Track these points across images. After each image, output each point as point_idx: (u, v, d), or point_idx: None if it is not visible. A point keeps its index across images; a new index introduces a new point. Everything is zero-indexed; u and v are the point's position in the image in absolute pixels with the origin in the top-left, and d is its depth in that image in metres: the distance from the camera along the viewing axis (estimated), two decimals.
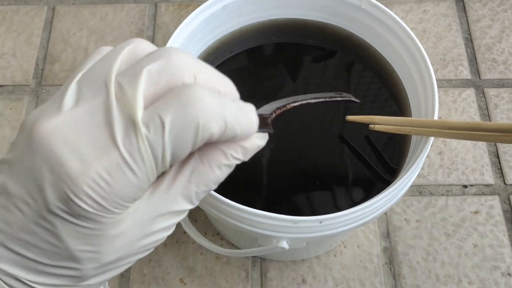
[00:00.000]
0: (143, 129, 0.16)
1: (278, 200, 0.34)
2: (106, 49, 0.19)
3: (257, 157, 0.35)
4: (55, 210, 0.16)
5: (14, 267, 0.17)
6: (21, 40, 0.52)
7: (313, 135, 0.36)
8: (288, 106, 0.21)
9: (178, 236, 0.41)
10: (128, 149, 0.16)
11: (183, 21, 0.35)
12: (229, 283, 0.40)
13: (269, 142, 0.37)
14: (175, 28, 0.35)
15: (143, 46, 0.18)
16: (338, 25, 0.39)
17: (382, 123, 0.33)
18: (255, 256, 0.40)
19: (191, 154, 0.18)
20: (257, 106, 0.21)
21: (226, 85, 0.19)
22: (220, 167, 0.19)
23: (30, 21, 0.53)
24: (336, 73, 0.39)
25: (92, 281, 0.18)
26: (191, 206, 0.19)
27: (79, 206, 0.16)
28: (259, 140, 0.20)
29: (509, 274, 0.39)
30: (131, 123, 0.16)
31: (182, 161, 0.18)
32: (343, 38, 0.39)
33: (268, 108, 0.21)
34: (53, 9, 0.53)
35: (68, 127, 0.16)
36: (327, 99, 0.23)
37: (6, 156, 0.17)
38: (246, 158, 0.19)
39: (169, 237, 0.41)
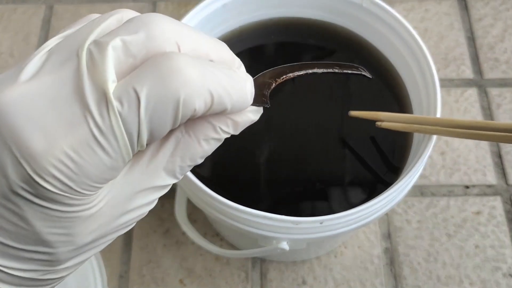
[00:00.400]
0: (115, 103, 0.14)
1: (278, 200, 0.34)
2: (93, 17, 0.17)
3: (258, 157, 0.35)
4: (18, 191, 0.14)
5: None
6: (18, 39, 0.51)
7: (315, 135, 0.36)
8: (291, 75, 0.19)
9: (177, 237, 0.41)
10: (99, 125, 0.14)
11: (182, 19, 0.34)
12: (229, 284, 0.39)
13: (269, 142, 0.37)
14: None
15: (132, 16, 0.16)
16: (338, 24, 0.39)
17: (387, 119, 0.32)
18: (255, 257, 0.40)
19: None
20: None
21: (219, 52, 0.16)
22: (208, 141, 0.17)
23: (27, 20, 0.52)
24: (337, 73, 0.39)
25: (68, 264, 0.17)
26: (174, 181, 0.17)
27: (44, 188, 0.14)
28: (253, 115, 0.18)
29: (510, 275, 0.39)
30: (102, 96, 0.14)
31: None
32: (344, 37, 0.39)
33: (269, 75, 0.18)
34: (51, 8, 0.53)
35: (31, 98, 0.14)
36: (336, 71, 0.20)
37: None
38: (237, 132, 0.18)
39: (168, 238, 0.41)
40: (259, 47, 0.39)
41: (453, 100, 0.47)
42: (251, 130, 0.19)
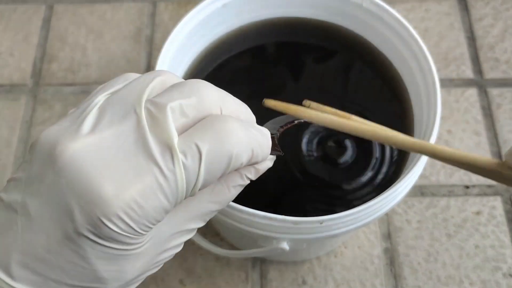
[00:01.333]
0: (180, 155, 0.16)
1: (278, 201, 0.34)
2: (132, 76, 0.19)
3: None
4: (84, 232, 0.16)
5: None
6: (18, 39, 0.51)
7: (315, 134, 0.36)
8: (289, 125, 0.23)
9: None
10: (165, 174, 0.16)
11: (182, 19, 0.34)
12: (229, 284, 0.39)
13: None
14: (174, 26, 0.34)
15: (173, 80, 0.19)
16: (339, 24, 0.39)
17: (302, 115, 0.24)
18: (255, 257, 0.40)
19: None
20: (257, 107, 0.21)
21: (246, 113, 0.20)
22: (235, 187, 0.20)
23: (27, 19, 0.52)
24: (337, 73, 0.39)
25: None
26: (202, 224, 0.20)
27: (111, 229, 0.16)
28: (270, 162, 0.21)
29: (510, 275, 0.39)
30: (167, 148, 0.16)
31: None
32: (344, 37, 0.39)
33: (271, 127, 0.22)
34: (51, 7, 0.53)
35: (95, 149, 0.16)
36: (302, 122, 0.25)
37: (19, 174, 0.17)
38: (255, 178, 0.21)
39: None
40: (259, 47, 0.39)
41: (453, 100, 0.47)
42: None
